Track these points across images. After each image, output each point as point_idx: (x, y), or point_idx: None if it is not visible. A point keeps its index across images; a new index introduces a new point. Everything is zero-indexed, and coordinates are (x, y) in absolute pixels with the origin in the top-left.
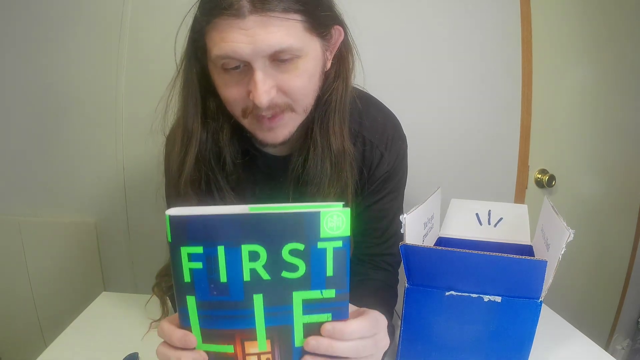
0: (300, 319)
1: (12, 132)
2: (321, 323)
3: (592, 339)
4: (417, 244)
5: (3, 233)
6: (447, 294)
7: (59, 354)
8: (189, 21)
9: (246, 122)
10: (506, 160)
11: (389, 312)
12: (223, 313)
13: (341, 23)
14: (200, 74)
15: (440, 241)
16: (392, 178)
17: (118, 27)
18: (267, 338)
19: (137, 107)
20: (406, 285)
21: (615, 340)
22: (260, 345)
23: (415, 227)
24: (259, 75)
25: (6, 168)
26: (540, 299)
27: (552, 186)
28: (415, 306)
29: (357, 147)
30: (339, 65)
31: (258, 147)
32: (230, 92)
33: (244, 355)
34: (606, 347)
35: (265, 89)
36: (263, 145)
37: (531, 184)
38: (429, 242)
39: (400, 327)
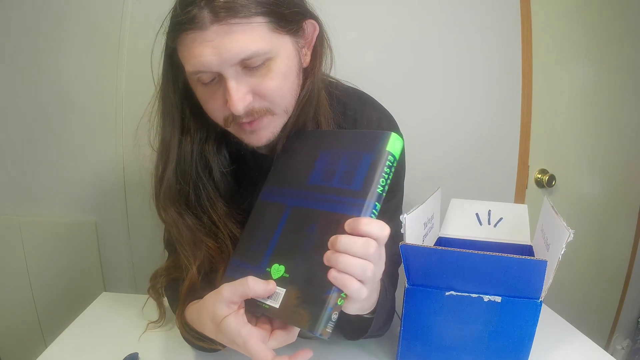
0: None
1: (12, 133)
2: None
3: (592, 339)
4: (417, 243)
5: (3, 233)
6: (447, 294)
7: (59, 354)
8: (162, 39)
9: (231, 129)
10: (506, 160)
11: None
12: None
13: (314, 17)
14: (181, 88)
15: (440, 241)
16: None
17: (118, 26)
18: None
19: (137, 107)
20: (406, 285)
21: (615, 340)
22: None
23: (416, 227)
24: (232, 84)
25: (6, 168)
26: (540, 299)
27: (552, 186)
28: (415, 306)
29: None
30: (314, 60)
31: (255, 151)
32: (210, 104)
33: None
34: (606, 347)
35: (238, 96)
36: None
37: (531, 184)
38: (429, 242)
39: (400, 327)
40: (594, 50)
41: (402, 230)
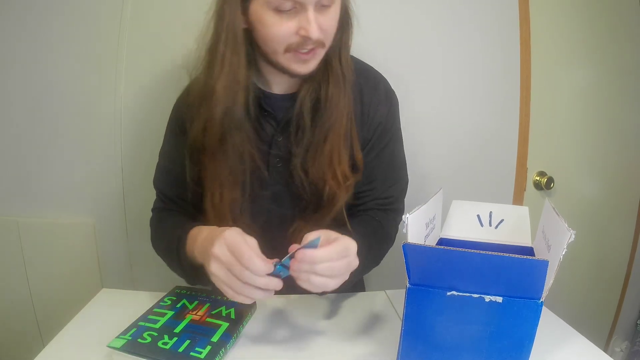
0: None
1: (11, 133)
2: None
3: (591, 341)
4: (418, 243)
5: (2, 234)
6: (448, 294)
7: (57, 352)
8: None
9: (284, 58)
10: (504, 163)
11: (363, 239)
12: None
13: None
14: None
15: (442, 242)
16: (392, 124)
17: (117, 26)
18: None
19: (136, 108)
20: (407, 285)
21: (614, 342)
22: None
23: (418, 228)
24: (312, 15)
25: (5, 169)
26: (541, 300)
27: (551, 188)
28: (417, 306)
29: (356, 85)
30: (345, 12)
31: (264, 91)
32: (281, 30)
33: None
34: (605, 349)
35: (317, 26)
36: (269, 88)
37: (529, 186)
38: (431, 243)
39: (402, 327)
40: (593, 51)
41: (404, 230)
